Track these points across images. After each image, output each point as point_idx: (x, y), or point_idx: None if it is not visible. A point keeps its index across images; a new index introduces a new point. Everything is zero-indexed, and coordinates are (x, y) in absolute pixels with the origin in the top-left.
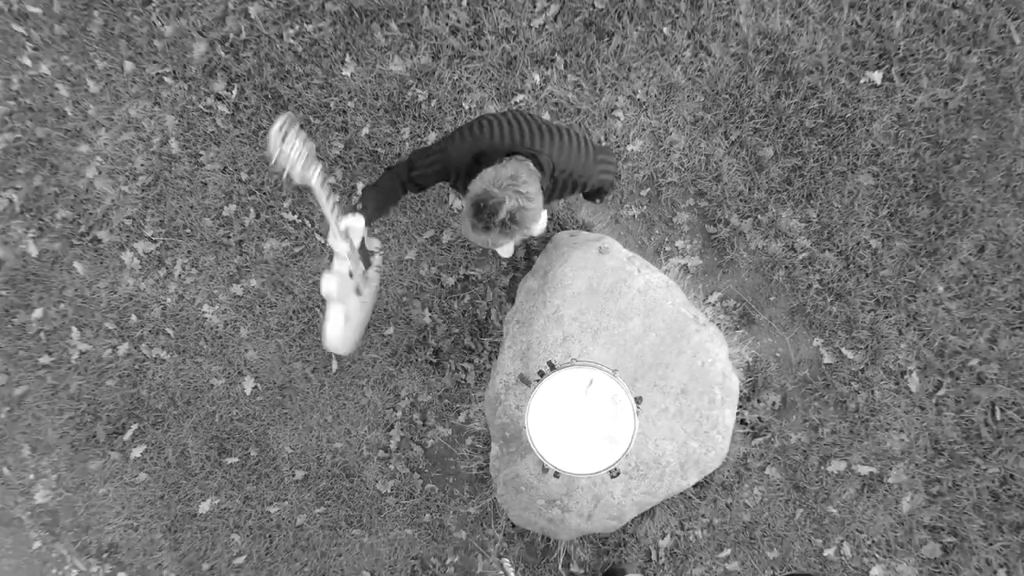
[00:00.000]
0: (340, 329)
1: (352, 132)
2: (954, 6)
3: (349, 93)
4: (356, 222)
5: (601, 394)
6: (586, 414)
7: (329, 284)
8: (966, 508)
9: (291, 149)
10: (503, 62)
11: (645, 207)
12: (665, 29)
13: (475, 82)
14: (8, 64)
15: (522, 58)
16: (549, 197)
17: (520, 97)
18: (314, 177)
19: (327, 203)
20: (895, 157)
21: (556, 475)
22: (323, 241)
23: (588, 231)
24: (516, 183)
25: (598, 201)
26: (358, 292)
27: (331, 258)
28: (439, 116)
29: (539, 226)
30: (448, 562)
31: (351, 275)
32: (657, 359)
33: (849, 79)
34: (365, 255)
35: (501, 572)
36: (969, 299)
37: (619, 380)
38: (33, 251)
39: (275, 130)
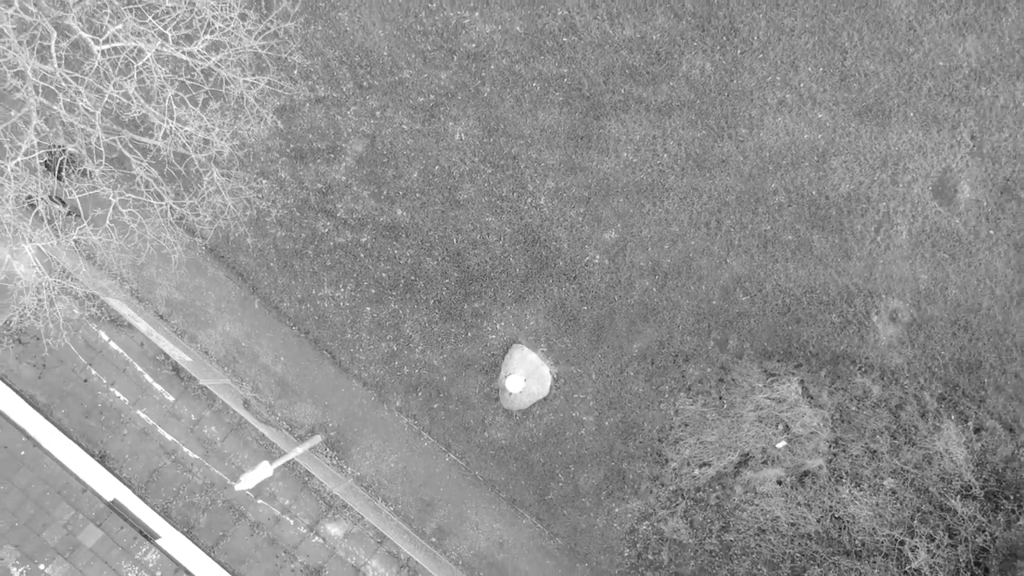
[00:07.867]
0: None
1: None
2: None
3: None
4: None
5: (521, 377)
6: (517, 381)
7: None
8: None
9: None
10: None
11: (533, 339)
12: None
13: None
14: None
15: None
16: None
17: None
18: None
19: None
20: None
21: (511, 393)
22: None
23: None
24: None
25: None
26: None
27: None
28: None
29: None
30: (490, 415)
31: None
32: (532, 372)
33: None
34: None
35: None
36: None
37: (523, 375)
38: None
39: None
